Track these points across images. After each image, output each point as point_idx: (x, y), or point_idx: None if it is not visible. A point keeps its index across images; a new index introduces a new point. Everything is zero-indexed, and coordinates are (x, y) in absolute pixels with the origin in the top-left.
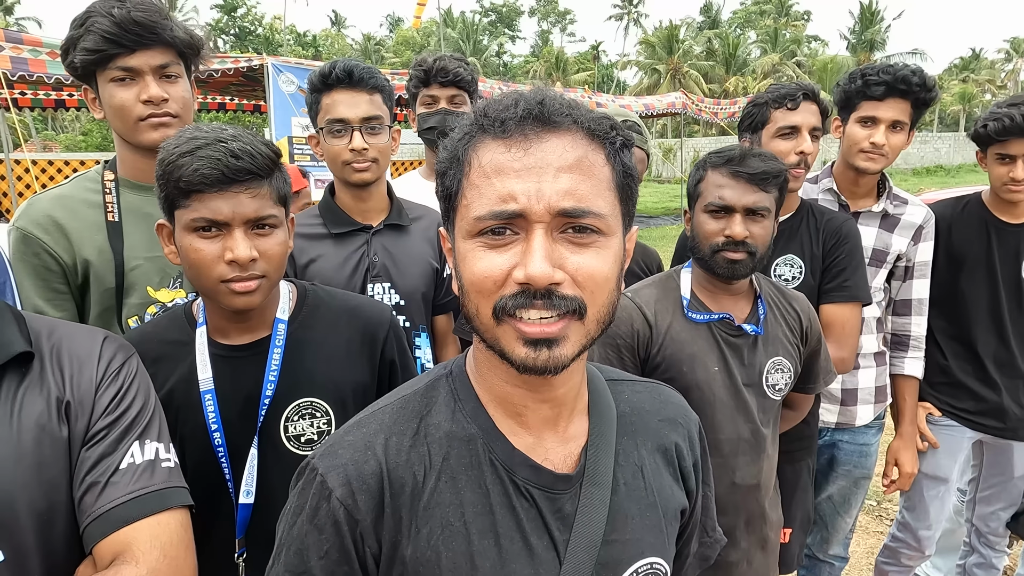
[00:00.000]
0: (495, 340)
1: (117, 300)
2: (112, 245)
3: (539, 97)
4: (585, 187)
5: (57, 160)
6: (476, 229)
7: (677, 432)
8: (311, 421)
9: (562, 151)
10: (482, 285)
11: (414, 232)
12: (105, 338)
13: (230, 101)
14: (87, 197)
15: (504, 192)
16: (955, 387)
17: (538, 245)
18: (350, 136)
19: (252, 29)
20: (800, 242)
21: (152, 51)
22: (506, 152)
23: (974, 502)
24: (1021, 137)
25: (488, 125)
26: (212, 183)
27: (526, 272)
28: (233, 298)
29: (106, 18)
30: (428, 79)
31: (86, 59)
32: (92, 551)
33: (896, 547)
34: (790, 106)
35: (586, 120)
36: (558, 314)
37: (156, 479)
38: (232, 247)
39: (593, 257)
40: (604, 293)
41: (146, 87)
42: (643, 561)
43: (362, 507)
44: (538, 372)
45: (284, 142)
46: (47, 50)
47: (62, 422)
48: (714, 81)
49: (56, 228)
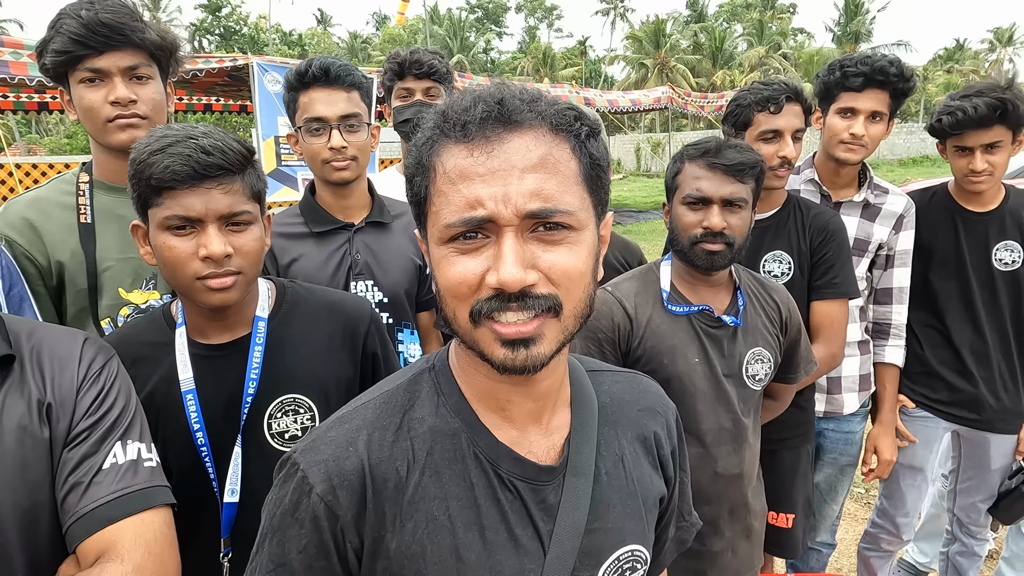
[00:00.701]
0: (474, 342)
1: (91, 301)
2: (84, 247)
3: (498, 96)
4: (552, 185)
5: (41, 163)
6: (447, 236)
7: (656, 421)
8: (295, 417)
9: (525, 150)
10: (457, 290)
11: (396, 229)
12: (86, 340)
13: (216, 102)
14: (61, 199)
15: (471, 198)
16: (931, 377)
17: (508, 249)
18: (328, 134)
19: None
20: (788, 238)
21: (121, 52)
22: (469, 156)
23: (955, 493)
24: (976, 129)
25: (449, 129)
26: (183, 179)
27: (498, 278)
28: (209, 295)
29: (74, 19)
30: (402, 72)
31: (56, 60)
32: (76, 550)
33: (876, 533)
34: (772, 110)
35: (549, 114)
36: (533, 314)
37: (139, 478)
38: (206, 243)
39: (566, 254)
40: (579, 288)
41: (113, 88)
42: (624, 549)
43: (343, 503)
44: (517, 372)
45: (271, 142)
46: (28, 52)
47: (43, 423)
48: (701, 75)
49: (30, 230)
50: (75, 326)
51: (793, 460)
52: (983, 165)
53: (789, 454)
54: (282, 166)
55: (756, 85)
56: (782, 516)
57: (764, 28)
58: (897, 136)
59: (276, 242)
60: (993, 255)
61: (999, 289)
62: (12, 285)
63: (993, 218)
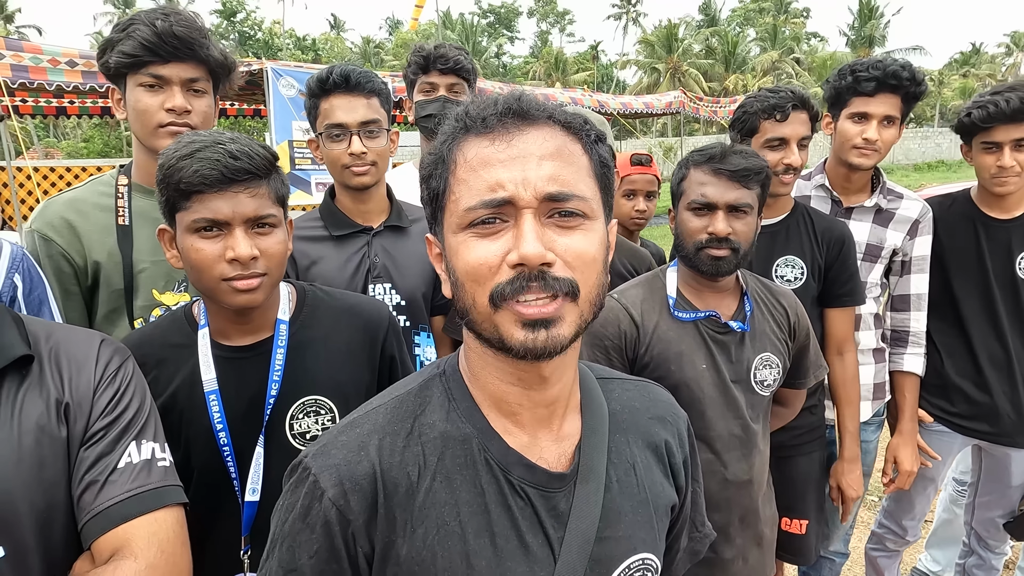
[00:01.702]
0: (494, 328)
1: (127, 301)
2: (121, 248)
3: (516, 94)
4: (568, 172)
5: (59, 167)
6: (466, 221)
7: (667, 429)
8: (316, 418)
9: (542, 140)
10: (477, 272)
11: (413, 233)
12: (102, 341)
13: (230, 106)
14: (99, 200)
15: (492, 181)
16: (948, 390)
17: (529, 227)
18: (349, 140)
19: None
20: (800, 243)
21: (184, 64)
22: (490, 145)
23: (973, 507)
24: (1007, 123)
25: (470, 124)
26: (212, 183)
27: (519, 252)
28: (235, 296)
29: (148, 28)
30: (427, 66)
31: (120, 61)
32: (90, 547)
33: (882, 534)
34: (779, 118)
35: (561, 116)
36: (553, 295)
37: (153, 477)
38: (233, 246)
39: (581, 238)
40: (594, 274)
41: (172, 96)
42: (635, 557)
43: (355, 508)
44: (537, 355)
45: (284, 146)
46: (48, 57)
47: (61, 423)
48: (714, 79)
49: (69, 230)
50: (105, 326)
51: (807, 466)
52: (1011, 162)
53: (803, 460)
54: (296, 170)
55: (763, 92)
56: (796, 522)
57: (777, 32)
58: (912, 141)
59: (296, 246)
60: (1017, 264)
61: (1022, 298)
62: (33, 288)
63: (1016, 226)
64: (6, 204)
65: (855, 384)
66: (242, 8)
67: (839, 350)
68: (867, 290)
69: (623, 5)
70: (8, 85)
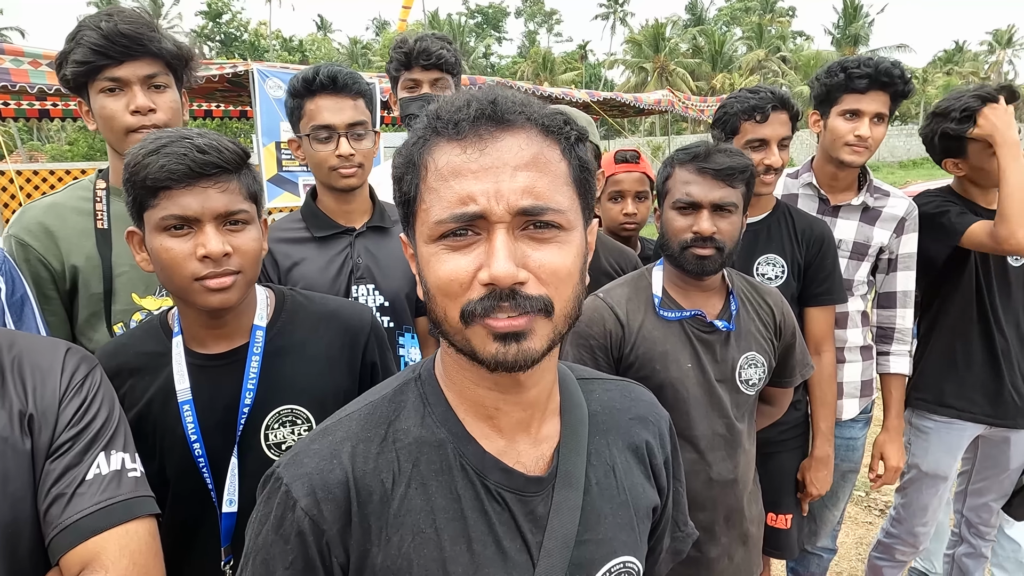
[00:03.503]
0: (465, 341)
1: (105, 305)
2: (100, 252)
3: (491, 96)
4: (543, 183)
5: (42, 170)
6: (437, 233)
7: (648, 430)
8: (292, 428)
9: (517, 149)
10: (448, 288)
11: (396, 234)
12: (68, 350)
13: (216, 107)
14: (78, 205)
15: (463, 194)
16: (960, 382)
17: (500, 245)
18: (336, 142)
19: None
20: (781, 243)
21: (139, 62)
22: (462, 153)
23: (965, 494)
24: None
25: (441, 128)
26: (179, 178)
27: (490, 273)
28: (208, 296)
29: (94, 31)
30: (409, 62)
31: (76, 71)
32: (59, 562)
33: (890, 543)
34: (759, 119)
35: (539, 117)
36: (525, 312)
37: (123, 489)
38: (204, 242)
39: (555, 252)
40: (568, 287)
41: (133, 97)
42: (616, 560)
43: (328, 517)
44: (508, 368)
45: (271, 148)
46: (29, 59)
47: (25, 435)
48: (701, 78)
49: (46, 235)
50: (86, 330)
51: (791, 462)
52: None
53: (787, 455)
54: (283, 171)
55: (743, 93)
56: (780, 517)
57: (763, 31)
58: (897, 139)
59: (278, 247)
60: None
61: (1013, 285)
62: (15, 290)
63: None
64: None
65: (831, 383)
66: (228, 9)
67: (817, 349)
68: (854, 288)
69: (610, 5)
70: None
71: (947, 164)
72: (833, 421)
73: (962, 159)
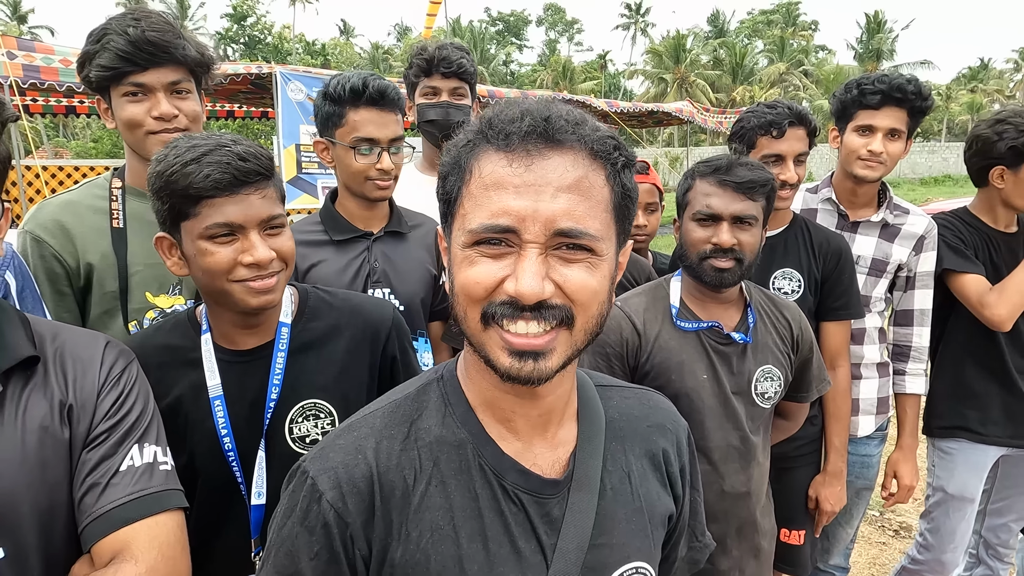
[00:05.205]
0: (481, 345)
1: (122, 303)
2: (116, 250)
3: (545, 113)
4: (582, 209)
5: (67, 166)
6: (471, 240)
7: (665, 438)
8: (315, 422)
9: (563, 170)
10: (473, 291)
11: (413, 239)
12: (107, 343)
13: (238, 108)
14: (94, 203)
15: (501, 207)
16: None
17: (530, 262)
18: (378, 156)
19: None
20: (798, 257)
21: (164, 69)
22: (507, 167)
23: (984, 514)
24: None
25: (492, 136)
26: (225, 187)
27: (517, 287)
28: (251, 297)
29: (121, 37)
30: (430, 69)
31: (101, 75)
32: (91, 550)
33: (917, 569)
34: (775, 134)
35: (591, 139)
36: (546, 327)
37: (154, 481)
38: (251, 250)
39: (584, 273)
40: (594, 305)
41: (157, 104)
42: (629, 565)
43: (352, 510)
44: (522, 382)
45: (292, 149)
46: (59, 58)
47: (64, 425)
48: (721, 90)
49: (62, 232)
50: (98, 327)
51: (806, 477)
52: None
53: (803, 471)
54: (302, 174)
55: (760, 107)
56: (794, 533)
57: (785, 45)
58: (919, 155)
59: (296, 249)
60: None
61: None
62: (25, 285)
63: (1017, 235)
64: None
65: (846, 399)
66: (253, 12)
67: (832, 364)
68: (871, 304)
69: (631, 15)
70: (19, 85)
71: (995, 172)
72: (847, 436)
73: (1013, 171)
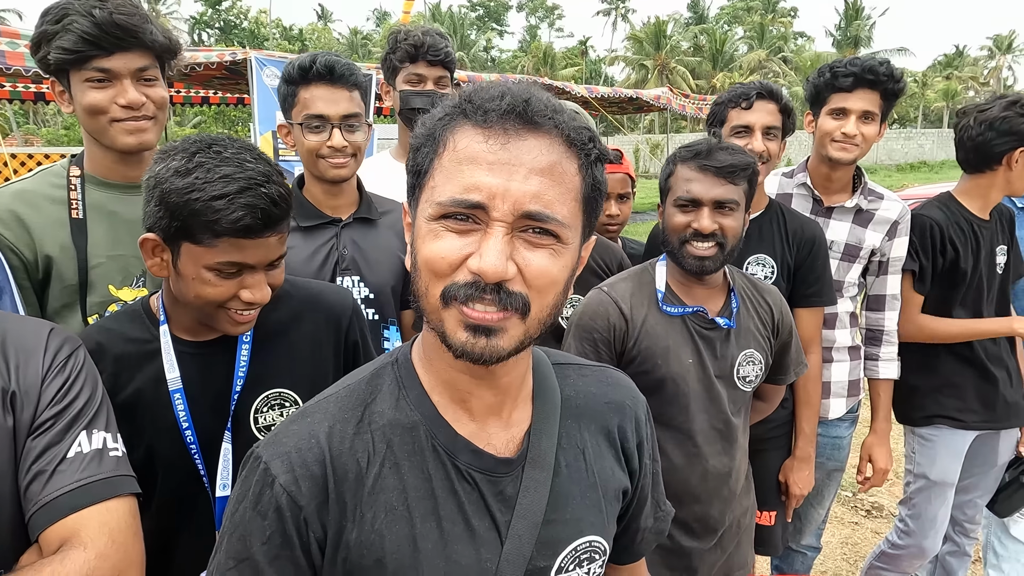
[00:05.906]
0: (439, 322)
1: (81, 297)
2: (75, 242)
3: (526, 95)
4: (553, 193)
5: (37, 154)
6: (438, 213)
7: (622, 414)
8: (280, 411)
9: (538, 153)
10: (436, 266)
11: (382, 226)
12: (51, 330)
13: (213, 95)
14: (50, 192)
15: (473, 182)
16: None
17: (496, 240)
18: (329, 133)
19: (237, 23)
20: (772, 243)
21: (131, 54)
22: (483, 142)
23: None
24: None
25: (471, 112)
26: (252, 232)
27: (480, 264)
28: (234, 326)
29: (86, 18)
30: (417, 55)
31: (61, 57)
32: (38, 538)
33: (898, 554)
34: (744, 105)
35: (567, 127)
36: (503, 308)
37: (104, 467)
38: (253, 289)
39: (546, 258)
40: (550, 294)
41: (124, 91)
42: (582, 539)
43: (306, 493)
44: (474, 360)
45: (268, 136)
46: (25, 42)
47: (7, 412)
48: (701, 77)
49: (17, 223)
50: (56, 320)
51: (777, 459)
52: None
53: (774, 453)
54: (280, 160)
55: (733, 86)
56: (765, 514)
57: (765, 31)
58: (895, 141)
59: None
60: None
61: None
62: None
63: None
64: None
65: (816, 385)
66: None
67: (804, 350)
68: (844, 289)
69: (612, 1)
70: None
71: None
72: (816, 422)
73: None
